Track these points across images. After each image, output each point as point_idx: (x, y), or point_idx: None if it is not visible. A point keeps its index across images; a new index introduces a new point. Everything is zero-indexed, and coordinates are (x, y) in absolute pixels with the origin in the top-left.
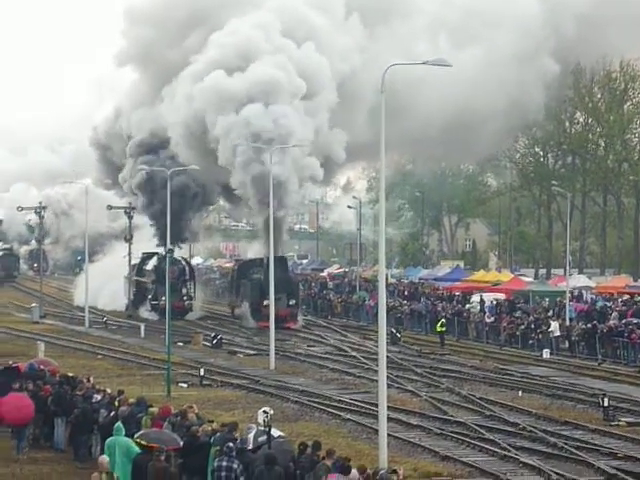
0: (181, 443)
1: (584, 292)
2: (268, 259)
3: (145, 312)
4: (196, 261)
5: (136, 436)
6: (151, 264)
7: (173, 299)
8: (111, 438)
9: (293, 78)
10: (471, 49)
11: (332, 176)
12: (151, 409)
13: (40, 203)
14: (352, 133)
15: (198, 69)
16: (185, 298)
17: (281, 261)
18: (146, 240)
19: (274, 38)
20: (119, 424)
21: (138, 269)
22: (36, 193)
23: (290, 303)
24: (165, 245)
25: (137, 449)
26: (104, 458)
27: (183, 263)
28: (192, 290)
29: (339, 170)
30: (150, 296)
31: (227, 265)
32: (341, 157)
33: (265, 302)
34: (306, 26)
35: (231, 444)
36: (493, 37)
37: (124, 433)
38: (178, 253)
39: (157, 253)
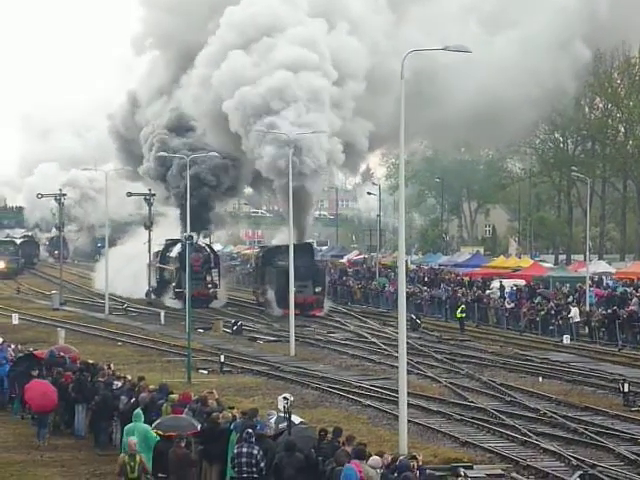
0: (199, 427)
1: (604, 278)
2: (293, 245)
3: (169, 300)
4: (216, 248)
5: (153, 426)
6: (175, 251)
7: (197, 287)
8: (130, 424)
9: (324, 65)
10: (504, 35)
11: (356, 164)
12: (171, 395)
13: (60, 190)
14: (377, 120)
15: (216, 50)
16: (210, 286)
17: (307, 248)
18: (173, 227)
19: (303, 18)
20: (138, 411)
21: (162, 256)
22: (59, 178)
23: (316, 290)
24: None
25: (155, 436)
26: (132, 439)
27: (207, 250)
28: (217, 278)
29: (362, 158)
30: (174, 284)
31: (247, 251)
32: (364, 146)
33: None
34: (339, 6)
35: (250, 430)
36: (527, 22)
37: (143, 420)
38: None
39: (181, 240)
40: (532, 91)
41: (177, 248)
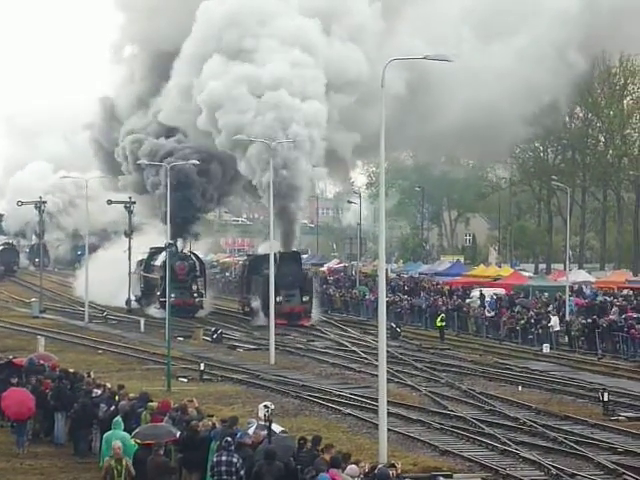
0: (177, 434)
1: (584, 287)
2: (280, 254)
3: (153, 309)
4: None
5: (131, 436)
6: (159, 259)
7: (183, 296)
8: (109, 432)
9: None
10: (500, 43)
11: (341, 172)
12: (150, 404)
13: (40, 198)
14: (364, 129)
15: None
16: (195, 295)
17: (294, 256)
18: (160, 235)
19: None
20: (118, 418)
21: (146, 264)
22: (44, 182)
23: (304, 299)
24: (175, 240)
25: (134, 444)
26: (118, 443)
27: (193, 258)
28: (202, 287)
29: (347, 167)
30: (159, 293)
31: (227, 260)
32: (348, 155)
33: (278, 298)
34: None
35: (229, 438)
36: (524, 30)
37: (123, 427)
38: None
39: (165, 248)
40: (527, 104)
41: (162, 256)
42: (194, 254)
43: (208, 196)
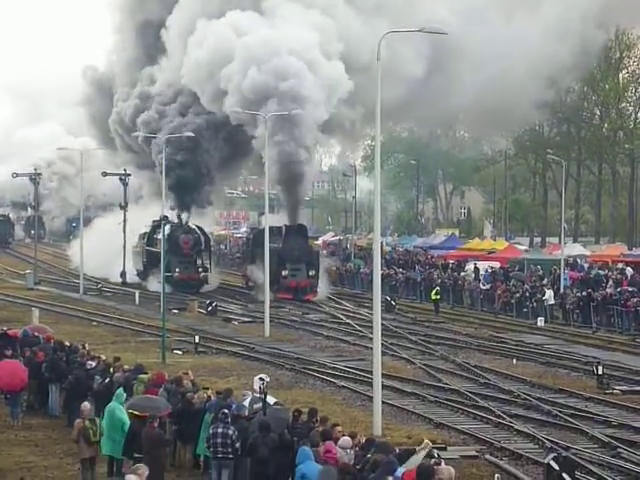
0: (170, 407)
1: (578, 260)
2: (286, 227)
3: (156, 284)
4: None
5: (127, 406)
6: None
7: (187, 271)
8: (111, 403)
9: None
10: (520, 17)
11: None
12: (141, 376)
13: (35, 169)
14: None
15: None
16: (200, 270)
17: (300, 230)
18: (154, 206)
19: None
20: (120, 390)
21: (149, 238)
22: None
23: (310, 274)
24: (180, 213)
25: (121, 418)
26: (86, 405)
27: (197, 232)
28: (207, 261)
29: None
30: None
31: (222, 232)
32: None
33: (284, 272)
34: None
35: (226, 410)
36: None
37: (124, 399)
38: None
39: (169, 221)
40: (534, 78)
41: (166, 230)
42: (199, 227)
43: (214, 168)
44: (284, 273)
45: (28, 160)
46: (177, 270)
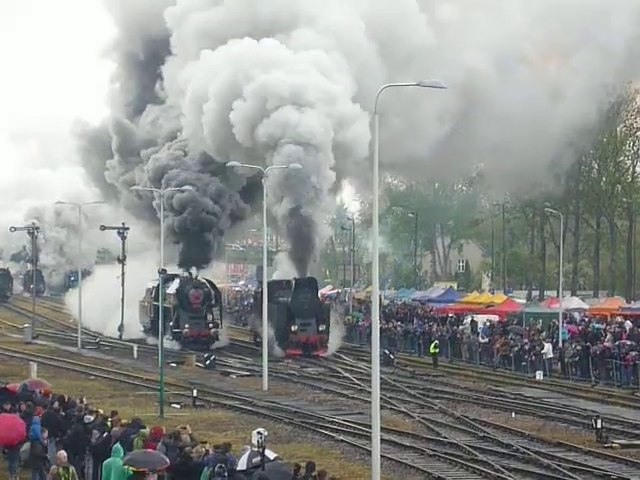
0: (168, 461)
1: (577, 314)
2: (296, 280)
3: (165, 341)
4: None
5: (124, 462)
6: (172, 287)
7: (198, 327)
8: (109, 459)
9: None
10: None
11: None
12: (142, 430)
13: (33, 223)
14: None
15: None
16: (211, 325)
17: (311, 283)
18: (154, 261)
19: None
20: (117, 445)
21: (156, 293)
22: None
23: (320, 329)
24: (188, 267)
25: (130, 472)
26: (62, 453)
27: (208, 286)
28: (218, 317)
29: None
30: (171, 323)
31: (220, 286)
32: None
33: (293, 327)
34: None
35: (222, 464)
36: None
37: (122, 454)
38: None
39: (178, 275)
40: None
41: (175, 284)
42: (209, 281)
43: (223, 222)
44: (293, 328)
45: (38, 205)
46: (187, 326)
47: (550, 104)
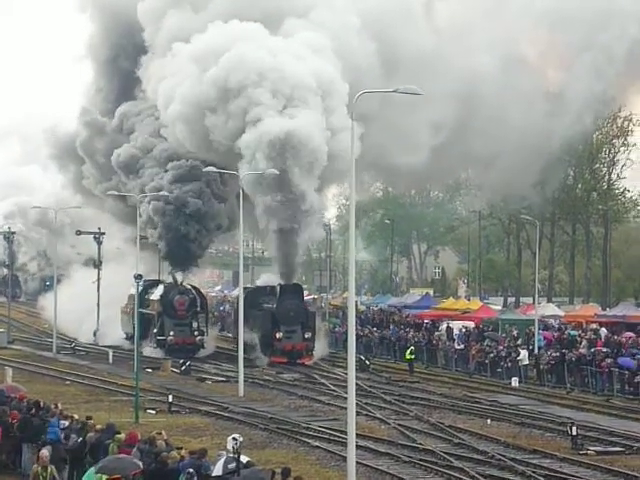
0: (141, 465)
1: (552, 321)
2: (281, 287)
3: (148, 349)
4: None
5: (96, 470)
6: (157, 293)
7: (183, 334)
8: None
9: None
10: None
11: None
12: (118, 435)
13: (9, 228)
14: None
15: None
16: (196, 333)
17: (296, 289)
18: (131, 266)
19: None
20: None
21: (140, 299)
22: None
23: (306, 336)
24: (173, 272)
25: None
26: (44, 452)
27: (193, 293)
28: (204, 324)
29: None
30: (155, 330)
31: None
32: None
33: (278, 335)
34: None
35: (191, 470)
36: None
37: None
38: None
39: (161, 281)
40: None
41: (159, 290)
42: (195, 288)
43: (211, 226)
44: (278, 335)
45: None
46: (171, 333)
47: (549, 114)
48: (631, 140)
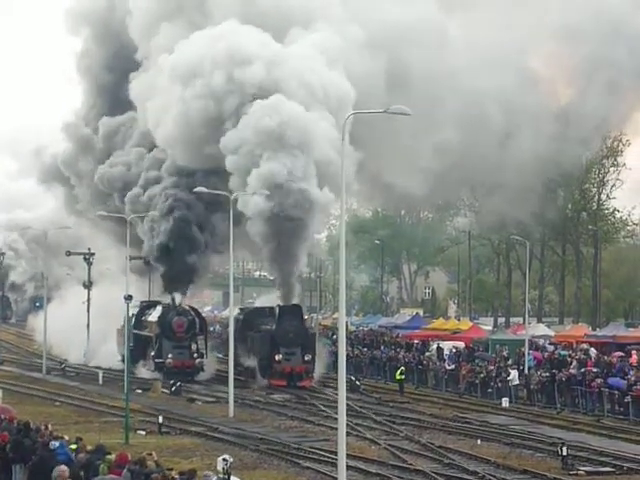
0: None
1: (543, 341)
2: (280, 308)
3: (145, 371)
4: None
5: None
6: (154, 315)
7: (181, 357)
8: None
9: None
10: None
11: None
12: (108, 456)
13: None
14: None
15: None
16: (195, 355)
17: (295, 310)
18: (134, 287)
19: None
20: None
21: (137, 320)
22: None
23: (306, 358)
24: (171, 292)
25: None
26: (64, 468)
27: (192, 314)
28: (203, 346)
29: None
30: (153, 353)
31: None
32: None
33: (277, 357)
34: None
35: None
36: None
37: None
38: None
39: (160, 302)
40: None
41: (157, 311)
42: (194, 309)
43: (210, 245)
44: (277, 358)
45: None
46: (170, 356)
47: (557, 137)
48: (621, 160)
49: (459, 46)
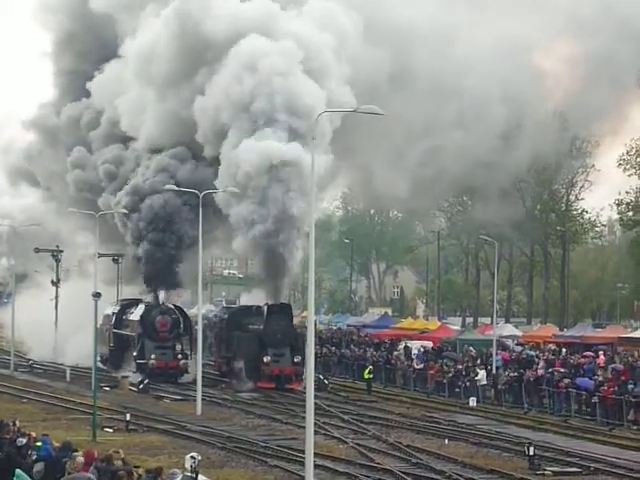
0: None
1: (510, 341)
2: (268, 307)
3: (128, 372)
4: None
5: None
6: (137, 314)
7: (165, 358)
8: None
9: None
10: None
11: None
12: (75, 453)
13: None
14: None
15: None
16: (180, 356)
17: (285, 310)
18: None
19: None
20: (18, 470)
21: (117, 319)
22: None
23: (295, 360)
24: (154, 291)
25: None
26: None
27: (176, 313)
28: (188, 347)
29: None
30: (135, 353)
31: None
32: None
33: (266, 358)
34: None
35: None
36: None
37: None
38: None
39: (141, 300)
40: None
41: (139, 310)
42: (179, 308)
43: (191, 240)
44: (266, 359)
45: None
46: (152, 357)
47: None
48: (589, 162)
49: (464, 43)
